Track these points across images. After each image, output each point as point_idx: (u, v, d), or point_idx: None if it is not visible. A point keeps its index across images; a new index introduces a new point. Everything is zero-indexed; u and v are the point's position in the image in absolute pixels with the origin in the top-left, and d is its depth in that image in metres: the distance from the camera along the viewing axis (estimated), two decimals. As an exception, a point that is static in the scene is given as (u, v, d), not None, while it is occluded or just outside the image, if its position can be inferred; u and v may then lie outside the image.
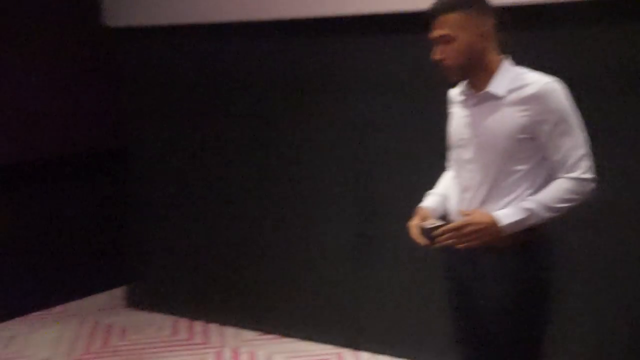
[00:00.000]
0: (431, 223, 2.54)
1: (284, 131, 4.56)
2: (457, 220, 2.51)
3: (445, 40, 2.45)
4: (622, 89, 3.59)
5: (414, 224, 2.59)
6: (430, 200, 2.70)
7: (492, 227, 2.41)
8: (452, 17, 2.44)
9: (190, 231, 4.96)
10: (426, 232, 2.54)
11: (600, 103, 3.41)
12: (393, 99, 4.19)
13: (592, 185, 2.45)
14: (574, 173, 2.43)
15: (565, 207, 2.44)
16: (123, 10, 4.86)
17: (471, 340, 2.65)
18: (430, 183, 2.81)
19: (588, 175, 2.44)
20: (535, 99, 2.41)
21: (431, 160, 3.05)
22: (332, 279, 4.47)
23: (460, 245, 2.46)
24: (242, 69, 4.67)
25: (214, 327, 4.83)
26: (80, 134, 5.31)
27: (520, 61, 2.57)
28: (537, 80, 2.44)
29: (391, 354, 4.30)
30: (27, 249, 5.06)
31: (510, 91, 2.45)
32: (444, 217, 2.66)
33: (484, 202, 2.49)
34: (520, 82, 2.45)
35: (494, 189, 2.49)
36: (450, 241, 2.46)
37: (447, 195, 2.70)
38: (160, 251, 5.10)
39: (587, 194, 2.45)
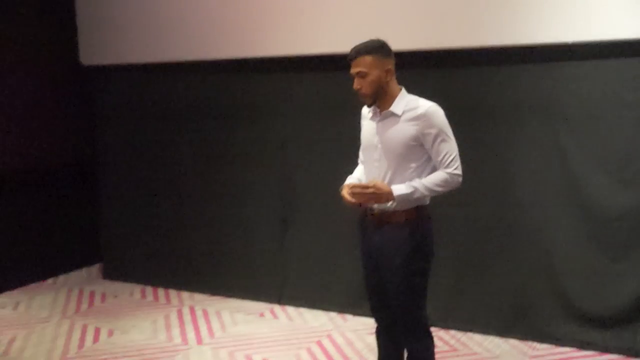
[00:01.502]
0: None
1: (223, 144, 4.94)
2: None
3: (361, 75, 2.84)
4: (476, 117, 4.10)
5: (344, 188, 2.88)
6: (352, 177, 3.08)
7: (387, 194, 2.79)
8: (366, 59, 2.83)
9: (150, 219, 5.33)
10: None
11: (465, 123, 3.67)
12: (316, 117, 4.55)
13: (459, 179, 2.87)
14: (449, 169, 2.84)
15: (440, 190, 2.84)
16: (96, 50, 5.16)
17: (377, 289, 3.04)
18: (340, 179, 3.08)
19: (457, 172, 2.87)
20: (422, 117, 2.83)
21: (341, 161, 3.37)
22: (263, 253, 4.91)
23: (360, 201, 2.79)
24: (192, 99, 5.00)
25: (172, 292, 5.27)
26: (63, 151, 5.68)
27: (410, 90, 2.98)
28: (424, 104, 2.86)
29: (311, 307, 4.76)
30: (26, 238, 5.47)
31: (405, 111, 2.87)
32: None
33: None
34: (412, 105, 2.87)
35: (395, 180, 2.89)
36: (356, 197, 2.78)
37: (361, 179, 3.03)
38: (127, 234, 5.48)
39: (455, 184, 2.87)
